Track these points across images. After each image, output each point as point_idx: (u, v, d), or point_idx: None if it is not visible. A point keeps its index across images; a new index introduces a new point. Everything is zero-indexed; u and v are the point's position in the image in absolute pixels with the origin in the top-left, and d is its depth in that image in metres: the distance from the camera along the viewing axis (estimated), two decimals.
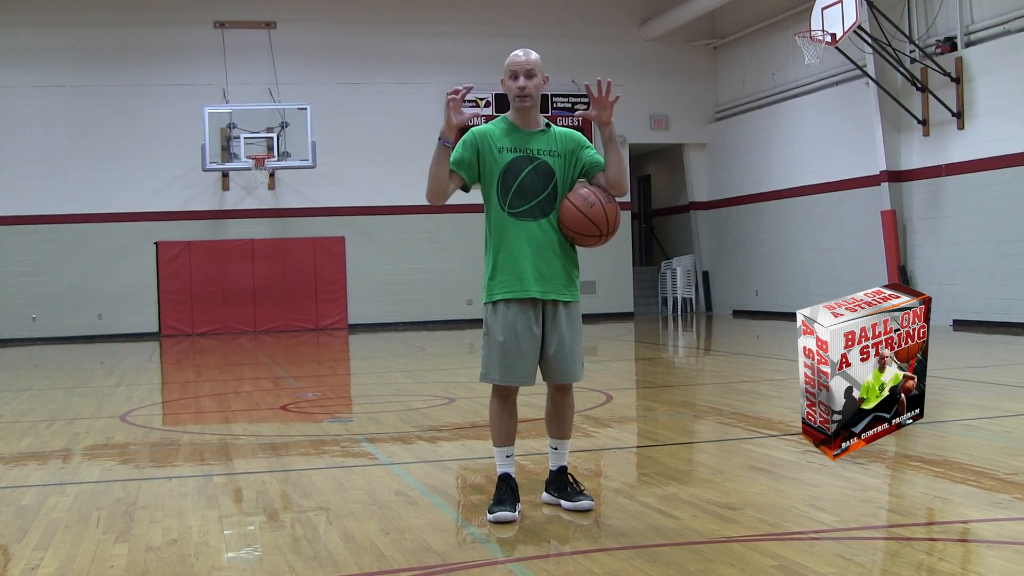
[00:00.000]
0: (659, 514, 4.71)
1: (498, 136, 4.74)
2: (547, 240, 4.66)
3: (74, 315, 20.39)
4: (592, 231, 4.62)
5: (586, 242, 4.68)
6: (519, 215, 4.66)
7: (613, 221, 4.63)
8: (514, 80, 4.70)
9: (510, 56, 4.76)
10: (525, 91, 4.67)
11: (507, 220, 4.67)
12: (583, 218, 4.60)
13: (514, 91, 4.70)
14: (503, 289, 4.66)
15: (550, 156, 4.71)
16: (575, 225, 4.63)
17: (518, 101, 4.70)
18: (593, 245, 4.70)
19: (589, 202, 4.60)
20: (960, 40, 16.34)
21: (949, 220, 16.65)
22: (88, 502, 5.35)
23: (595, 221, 4.60)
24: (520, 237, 4.65)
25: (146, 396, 10.65)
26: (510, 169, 4.67)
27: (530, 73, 4.69)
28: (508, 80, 4.72)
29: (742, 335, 17.29)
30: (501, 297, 4.66)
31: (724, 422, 7.67)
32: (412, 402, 9.34)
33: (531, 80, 4.68)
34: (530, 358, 4.66)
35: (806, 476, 5.46)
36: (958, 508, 4.86)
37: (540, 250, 4.64)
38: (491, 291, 4.70)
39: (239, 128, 19.51)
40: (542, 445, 5.85)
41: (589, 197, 4.62)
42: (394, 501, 5.13)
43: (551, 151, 4.72)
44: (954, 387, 9.08)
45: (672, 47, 23.17)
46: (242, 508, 5.26)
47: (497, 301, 4.68)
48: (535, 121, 4.77)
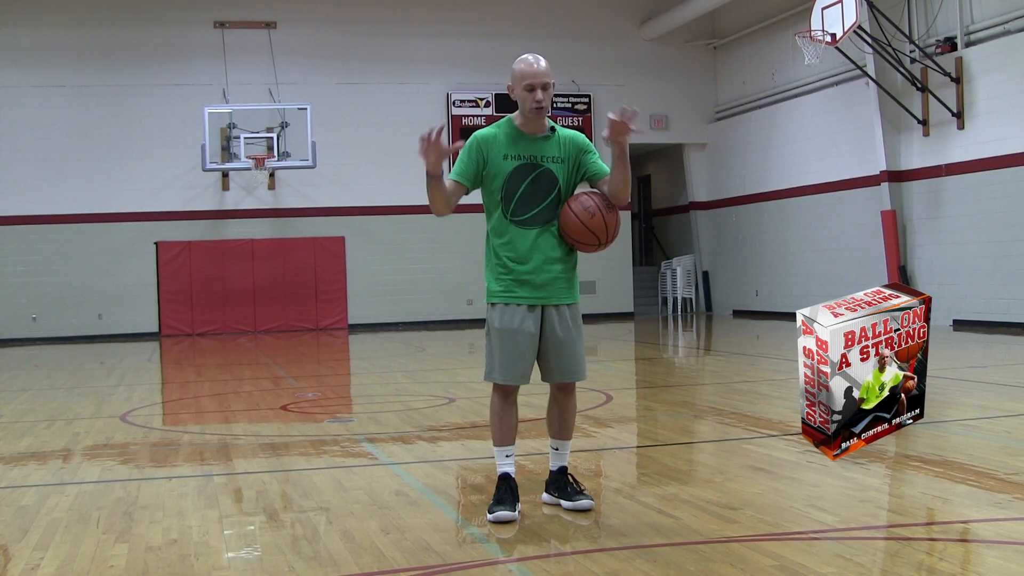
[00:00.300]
0: (659, 514, 4.71)
1: (503, 141, 4.72)
2: (548, 245, 4.69)
3: (74, 315, 20.39)
4: (591, 240, 4.67)
5: (585, 249, 4.74)
6: (522, 223, 4.69)
7: (612, 230, 4.68)
8: (531, 92, 4.64)
9: (522, 65, 4.67)
10: (542, 104, 4.65)
11: (509, 226, 4.70)
12: (583, 228, 4.64)
13: (531, 104, 4.65)
14: (504, 294, 4.70)
15: (554, 163, 4.71)
16: (575, 234, 4.67)
17: (533, 113, 4.67)
18: (591, 252, 4.76)
19: (590, 212, 4.63)
20: (960, 40, 16.34)
21: (949, 220, 16.64)
22: (88, 502, 5.35)
23: (594, 231, 4.64)
24: (521, 242, 4.68)
25: (146, 396, 10.65)
26: (514, 176, 4.68)
27: (546, 85, 4.66)
28: (523, 91, 4.66)
29: (742, 335, 17.29)
30: (502, 300, 4.71)
31: (724, 422, 7.67)
32: (412, 402, 9.34)
33: (546, 91, 4.66)
34: (529, 358, 4.70)
35: (806, 476, 5.46)
36: (958, 508, 4.86)
37: (541, 255, 4.68)
38: (492, 293, 4.75)
39: (239, 128, 19.51)
40: (542, 445, 5.85)
41: (590, 207, 4.64)
42: (394, 501, 5.13)
43: (555, 157, 4.72)
44: (954, 387, 9.08)
45: (672, 47, 23.16)
46: (242, 508, 5.25)
47: (497, 302, 4.73)
48: (541, 126, 4.75)
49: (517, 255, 4.68)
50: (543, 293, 4.69)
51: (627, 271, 23.15)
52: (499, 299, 4.71)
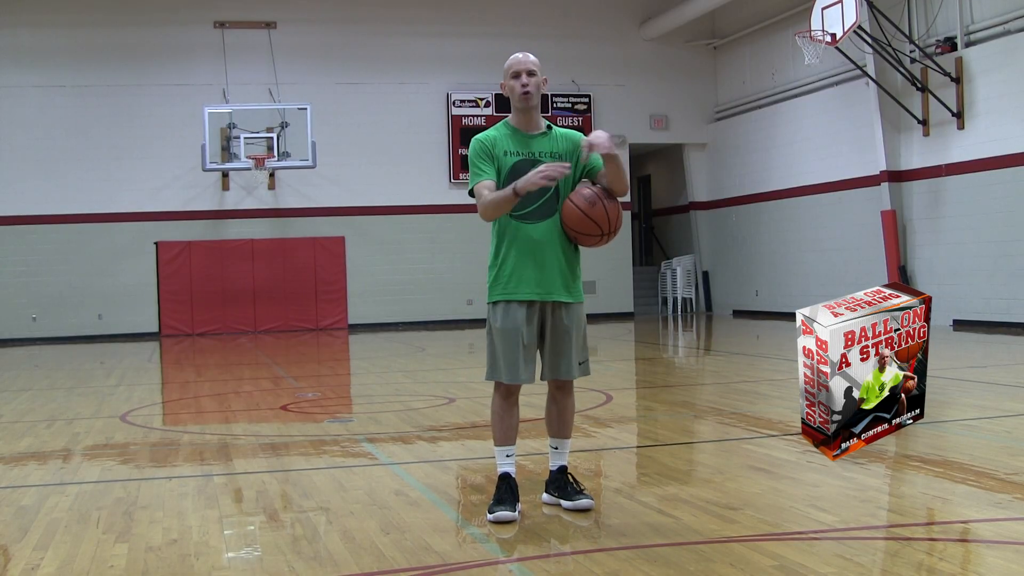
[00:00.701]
0: (659, 514, 4.71)
1: (502, 140, 4.77)
2: (549, 242, 4.69)
3: (74, 315, 20.39)
4: (594, 230, 4.65)
5: (588, 241, 4.71)
6: (522, 218, 4.70)
7: (615, 220, 4.66)
8: (516, 79, 4.72)
9: (509, 59, 4.79)
10: (528, 88, 4.69)
11: (510, 223, 4.72)
12: (584, 217, 4.63)
13: (517, 90, 4.72)
14: (504, 291, 4.72)
15: (553, 158, 4.72)
16: (577, 225, 4.66)
17: (522, 101, 4.72)
18: (595, 245, 4.73)
19: (591, 202, 4.63)
20: (960, 40, 16.33)
21: (949, 220, 16.64)
22: (88, 502, 5.35)
23: (596, 220, 4.62)
24: (522, 240, 4.69)
25: (146, 396, 10.65)
26: (513, 172, 4.69)
27: (531, 72, 4.72)
28: (510, 80, 4.75)
29: (742, 335, 17.29)
30: (502, 298, 4.72)
31: (724, 422, 7.67)
32: (412, 402, 9.34)
33: (532, 78, 4.71)
34: (530, 358, 4.71)
35: (806, 476, 5.46)
36: (958, 508, 4.86)
37: (542, 252, 4.68)
38: (493, 292, 4.77)
39: (239, 128, 19.51)
40: (542, 445, 5.85)
41: (591, 197, 4.65)
42: (394, 501, 5.13)
43: (553, 153, 4.75)
44: (954, 387, 9.08)
45: (672, 47, 23.16)
46: (242, 508, 5.26)
47: (498, 302, 4.74)
48: (536, 124, 4.79)
49: (518, 252, 4.70)
50: (543, 289, 4.69)
51: (627, 271, 23.15)
52: (500, 297, 4.73)
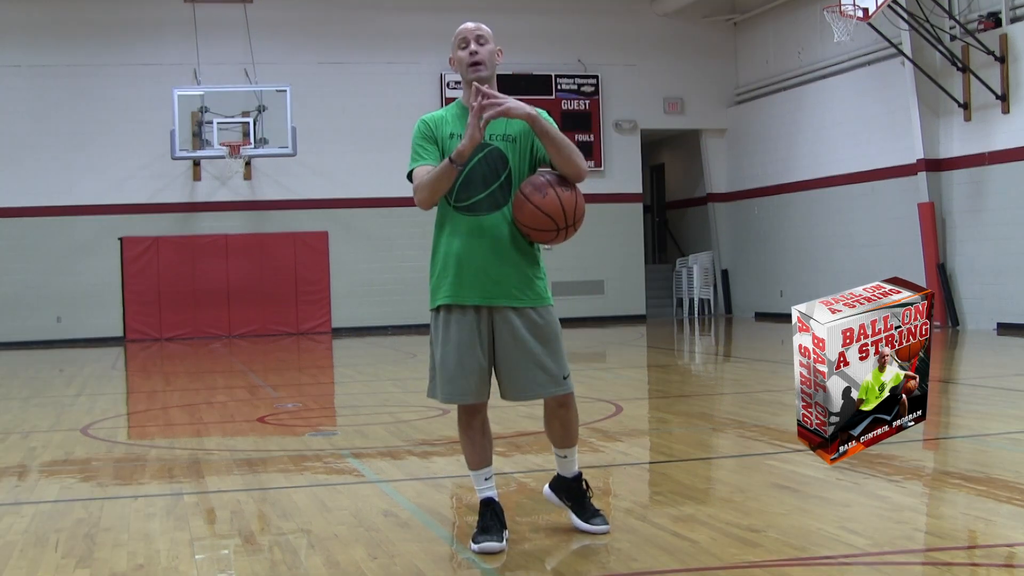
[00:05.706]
0: (674, 537, 4.71)
1: (450, 121, 4.59)
2: (497, 237, 4.47)
3: (30, 318, 20.40)
4: (547, 225, 4.40)
5: (544, 237, 4.48)
6: (466, 209, 4.48)
7: (572, 212, 4.40)
8: (464, 49, 4.53)
9: (458, 28, 4.59)
10: (477, 56, 4.49)
11: (452, 214, 4.51)
12: (535, 211, 4.39)
13: (465, 60, 4.51)
14: (444, 294, 4.53)
15: (504, 140, 4.54)
16: (528, 220, 4.42)
17: (471, 71, 4.50)
18: (553, 241, 4.49)
19: (541, 191, 4.38)
20: (1005, 15, 16.36)
21: (993, 213, 16.66)
22: (46, 523, 5.35)
23: (549, 214, 4.37)
24: (466, 234, 4.47)
25: (109, 407, 10.66)
26: None
27: (481, 39, 4.53)
28: (458, 52, 4.55)
29: (765, 340, 17.31)
30: (443, 303, 4.54)
31: (745, 436, 7.68)
32: (402, 413, 9.35)
33: (483, 46, 4.52)
34: (475, 373, 4.49)
35: (835, 495, 5.47)
36: (1002, 530, 4.86)
37: (489, 249, 4.46)
38: (433, 296, 4.58)
39: (212, 112, 19.51)
40: (545, 461, 5.86)
41: (539, 184, 4.41)
42: (382, 523, 5.14)
43: (505, 135, 4.54)
44: (998, 397, 9.08)
45: (688, 23, 23.18)
46: (215, 530, 5.26)
47: (439, 307, 4.56)
48: None
49: (462, 247, 4.48)
50: (489, 291, 4.47)
51: (639, 270, 23.17)
52: (443, 301, 4.53)
